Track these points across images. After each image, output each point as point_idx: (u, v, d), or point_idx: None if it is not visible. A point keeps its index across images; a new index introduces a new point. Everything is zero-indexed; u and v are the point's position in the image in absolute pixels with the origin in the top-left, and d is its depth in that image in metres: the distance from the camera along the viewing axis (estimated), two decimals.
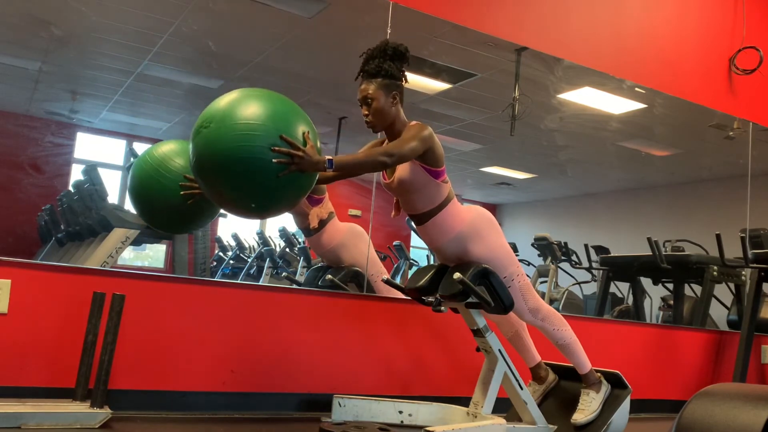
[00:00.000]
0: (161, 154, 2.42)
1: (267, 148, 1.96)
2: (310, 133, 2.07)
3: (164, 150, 2.43)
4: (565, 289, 4.71)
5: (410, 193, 2.28)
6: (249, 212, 2.18)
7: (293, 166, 2.00)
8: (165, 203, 2.40)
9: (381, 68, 2.23)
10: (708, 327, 4.36)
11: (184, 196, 2.37)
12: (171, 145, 2.46)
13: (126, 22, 3.19)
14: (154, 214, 2.52)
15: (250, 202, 2.05)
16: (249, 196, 2.04)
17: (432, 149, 2.21)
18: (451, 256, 2.35)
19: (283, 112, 2.05)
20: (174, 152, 2.42)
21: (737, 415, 1.53)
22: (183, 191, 2.37)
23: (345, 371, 2.97)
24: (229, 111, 2.00)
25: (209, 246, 3.34)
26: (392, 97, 2.24)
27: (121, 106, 3.42)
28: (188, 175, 2.34)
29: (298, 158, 2.00)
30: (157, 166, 2.40)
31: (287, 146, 1.99)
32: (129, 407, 2.50)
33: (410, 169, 2.23)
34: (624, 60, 4.06)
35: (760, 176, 4.52)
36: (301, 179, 2.08)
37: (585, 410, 2.51)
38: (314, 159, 2.03)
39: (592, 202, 5.79)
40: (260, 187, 2.01)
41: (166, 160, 2.40)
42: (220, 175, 2.00)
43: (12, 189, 3.02)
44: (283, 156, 1.98)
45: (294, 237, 3.95)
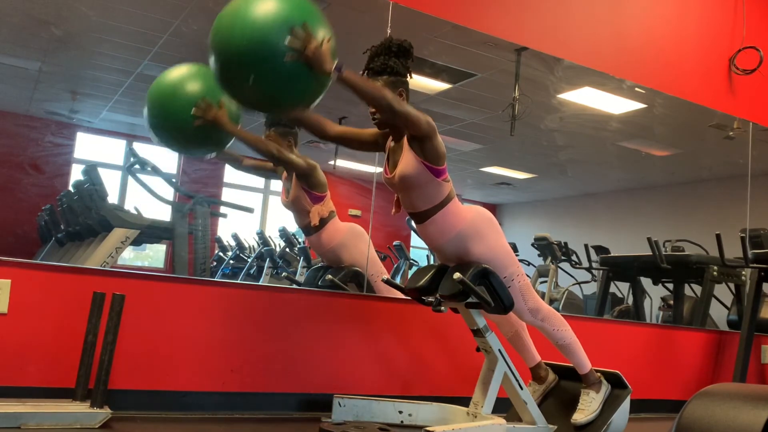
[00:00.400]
0: (174, 79, 2.48)
1: (285, 32, 1.95)
2: (331, 41, 2.05)
3: (176, 74, 2.49)
4: (565, 289, 4.71)
5: (411, 190, 2.28)
6: (245, 90, 2.10)
7: (304, 56, 1.95)
8: (175, 120, 2.45)
9: (386, 65, 2.23)
10: (708, 327, 4.36)
11: (193, 117, 2.40)
12: (183, 69, 2.50)
13: (126, 22, 3.19)
14: (161, 126, 2.53)
15: (250, 73, 2.00)
16: (251, 68, 2.00)
17: (435, 144, 2.20)
18: (451, 255, 2.35)
19: (312, 10, 2.05)
20: (186, 77, 2.48)
21: (737, 415, 1.53)
22: (194, 112, 2.40)
23: (345, 371, 2.97)
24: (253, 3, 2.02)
25: (209, 246, 3.35)
26: (398, 93, 2.24)
27: (121, 106, 3.42)
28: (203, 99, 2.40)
29: (310, 50, 1.95)
30: (169, 91, 2.46)
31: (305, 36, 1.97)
32: (129, 407, 2.50)
33: (412, 165, 2.22)
34: (624, 60, 4.06)
35: (760, 176, 4.52)
36: (307, 81, 2.03)
37: (585, 410, 2.51)
38: (325, 56, 1.98)
39: (592, 202, 5.79)
40: (264, 64, 1.97)
41: (179, 85, 2.46)
42: (232, 42, 1.99)
43: (12, 189, 3.02)
44: (298, 41, 1.94)
45: (294, 237, 3.95)
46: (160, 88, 2.48)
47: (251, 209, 3.66)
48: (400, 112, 2.11)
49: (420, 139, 2.20)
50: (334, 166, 3.77)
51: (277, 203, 3.70)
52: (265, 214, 4.14)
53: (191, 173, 3.67)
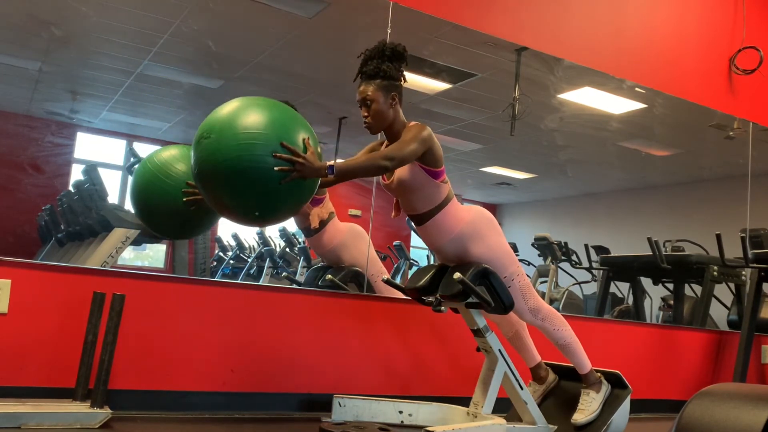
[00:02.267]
0: (163, 160, 2.43)
1: (268, 155, 1.97)
2: (311, 139, 2.08)
3: (166, 156, 2.44)
4: (565, 289, 4.71)
5: (410, 194, 2.28)
6: (252, 220, 2.18)
7: (295, 173, 2.01)
8: (167, 208, 2.41)
9: (379, 69, 2.23)
10: (708, 327, 4.35)
11: (186, 202, 2.37)
12: (172, 150, 2.46)
13: (126, 22, 3.19)
14: (155, 220, 2.53)
15: (254, 210, 2.06)
16: (252, 205, 2.05)
17: (431, 150, 2.21)
18: (451, 256, 2.35)
19: (283, 120, 2.06)
20: (175, 158, 2.43)
21: (737, 415, 1.52)
22: (185, 197, 2.37)
23: (345, 371, 2.97)
24: (229, 120, 2.00)
25: (209, 246, 3.35)
26: (391, 98, 2.24)
27: (121, 106, 3.42)
28: (190, 181, 2.34)
29: (299, 165, 2.01)
30: (158, 172, 2.41)
31: (288, 153, 2.00)
32: (129, 407, 2.50)
33: (410, 170, 2.23)
34: (624, 60, 4.06)
35: (760, 176, 4.52)
36: (303, 185, 2.08)
37: (585, 410, 2.51)
38: (315, 165, 2.03)
39: (592, 202, 5.79)
40: (263, 195, 2.02)
41: (168, 166, 2.41)
42: (223, 184, 2.01)
43: (12, 189, 3.02)
44: (285, 163, 1.99)
45: (294, 237, 3.95)
46: (147, 172, 2.44)
47: None
48: (395, 166, 2.15)
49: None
50: None
51: None
52: None
53: None
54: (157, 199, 2.41)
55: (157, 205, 2.43)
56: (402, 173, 2.25)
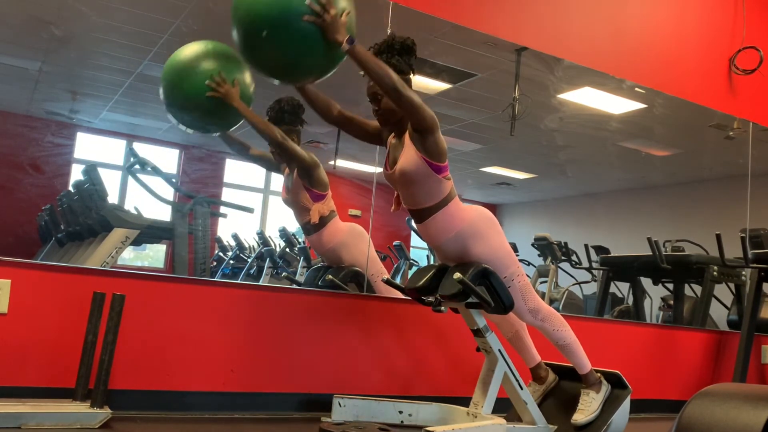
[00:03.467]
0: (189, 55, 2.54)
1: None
2: (350, 14, 2.13)
3: (198, 48, 2.55)
4: (565, 289, 4.71)
5: (411, 186, 2.27)
6: (257, 45, 2.14)
7: (319, 19, 2.02)
8: (188, 90, 2.50)
9: (389, 63, 2.23)
10: (708, 327, 4.35)
11: (205, 90, 2.46)
12: (195, 46, 2.56)
13: (126, 22, 3.19)
14: (173, 94, 2.57)
15: (264, 28, 2.06)
16: (266, 23, 2.05)
17: (437, 139, 2.20)
18: (452, 255, 2.35)
19: None
20: (205, 52, 2.53)
21: (737, 415, 1.52)
22: (208, 92, 2.46)
23: (345, 371, 2.97)
24: None
25: (209, 246, 3.35)
26: None
27: (121, 106, 3.42)
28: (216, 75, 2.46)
29: (328, 15, 2.02)
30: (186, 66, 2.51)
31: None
32: (129, 407, 2.50)
33: (413, 160, 2.22)
34: (624, 60, 4.06)
35: (760, 176, 4.52)
36: (319, 47, 2.08)
37: (585, 410, 2.51)
38: (341, 27, 2.05)
39: (592, 202, 5.79)
40: (279, 21, 2.03)
41: (200, 56, 2.52)
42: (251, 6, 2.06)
43: (12, 189, 3.02)
44: (318, 5, 2.01)
45: (294, 237, 3.95)
46: (176, 60, 2.54)
47: (251, 209, 3.66)
48: (404, 96, 2.12)
49: (421, 132, 2.19)
50: (334, 166, 3.77)
51: (277, 203, 3.70)
52: (265, 214, 4.13)
53: (191, 173, 3.67)
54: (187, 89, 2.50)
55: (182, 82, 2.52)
56: (405, 163, 2.24)
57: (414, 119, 2.18)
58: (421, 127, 2.18)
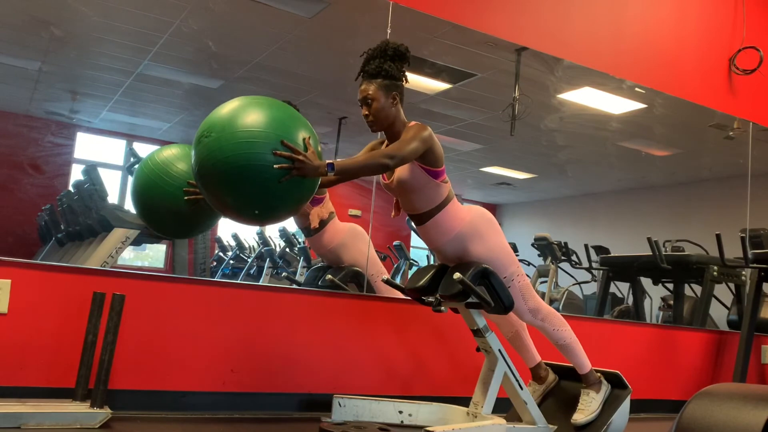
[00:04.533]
0: (163, 159, 2.42)
1: (268, 154, 1.97)
2: (311, 139, 2.09)
3: (166, 155, 2.43)
4: (565, 289, 4.71)
5: (410, 194, 2.28)
6: (252, 219, 2.18)
7: (295, 171, 2.01)
8: (167, 208, 2.40)
9: (381, 69, 2.23)
10: (708, 327, 4.36)
11: (186, 201, 2.36)
12: (173, 149, 2.46)
13: (126, 22, 3.19)
14: (156, 219, 2.51)
15: (253, 209, 2.06)
16: (252, 203, 2.05)
17: (432, 149, 2.21)
18: (451, 256, 2.35)
19: (283, 119, 2.06)
20: (176, 157, 2.42)
21: (737, 415, 1.53)
22: (186, 197, 2.36)
23: (345, 371, 2.97)
24: (230, 119, 2.00)
25: (209, 246, 3.35)
26: (392, 97, 2.24)
27: (121, 106, 3.42)
28: (191, 180, 2.34)
29: (299, 163, 2.00)
30: (159, 171, 2.40)
31: (289, 152, 2.00)
32: (129, 407, 2.50)
33: (410, 170, 2.23)
34: (624, 60, 4.06)
35: (760, 176, 4.52)
36: (304, 185, 2.08)
37: (585, 410, 2.51)
38: (315, 164, 2.03)
39: (592, 202, 5.79)
40: (262, 194, 2.02)
41: (169, 165, 2.40)
42: (223, 183, 2.01)
43: (12, 189, 3.02)
44: (285, 161, 1.99)
45: (294, 237, 3.95)
46: (148, 169, 2.43)
47: None
48: (396, 165, 2.15)
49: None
50: None
51: None
52: None
53: None
54: (158, 198, 2.40)
55: (158, 204, 2.42)
56: (402, 173, 2.25)
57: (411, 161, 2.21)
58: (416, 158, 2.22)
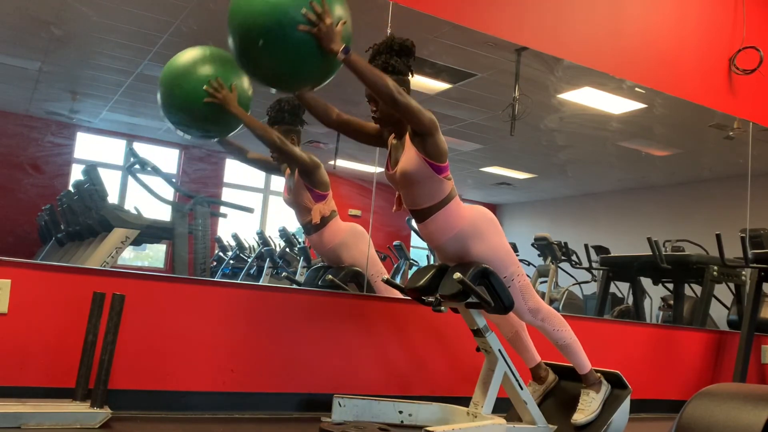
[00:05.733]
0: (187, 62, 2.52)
1: (296, 10, 2.01)
2: (346, 24, 2.11)
3: (195, 53, 2.54)
4: (565, 289, 4.71)
5: (412, 186, 2.28)
6: (252, 53, 2.13)
7: (315, 29, 2.01)
8: (185, 96, 2.48)
9: (388, 64, 2.23)
10: (708, 327, 4.36)
11: (203, 95, 2.44)
12: (199, 50, 2.55)
13: (126, 22, 3.19)
14: (171, 101, 2.55)
15: (259, 38, 2.05)
16: (261, 33, 2.04)
17: (437, 140, 2.20)
18: (452, 255, 2.35)
19: None
20: (202, 57, 2.52)
21: (737, 415, 1.53)
22: (206, 98, 2.45)
23: (345, 371, 2.97)
24: None
25: (209, 246, 3.35)
26: (399, 92, 2.24)
27: (121, 106, 3.42)
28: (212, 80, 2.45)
29: (323, 24, 2.01)
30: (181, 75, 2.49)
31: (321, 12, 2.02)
32: (129, 407, 2.50)
33: (414, 161, 2.22)
34: (624, 60, 4.06)
35: (760, 176, 4.52)
36: (314, 55, 2.07)
37: (585, 410, 2.51)
38: (336, 36, 2.04)
39: (592, 202, 5.79)
40: (274, 31, 2.02)
41: (197, 62, 2.50)
42: (243, 25, 2.06)
43: (12, 189, 3.02)
44: (313, 14, 2.00)
45: (294, 237, 3.95)
46: (174, 65, 2.52)
47: (251, 209, 3.66)
48: (400, 103, 2.12)
49: (422, 134, 2.20)
50: (334, 166, 3.77)
51: (277, 203, 3.70)
52: (265, 214, 4.14)
53: (191, 173, 3.67)
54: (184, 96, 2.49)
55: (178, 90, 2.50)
56: (406, 164, 2.24)
57: (413, 124, 2.18)
58: (420, 131, 2.19)
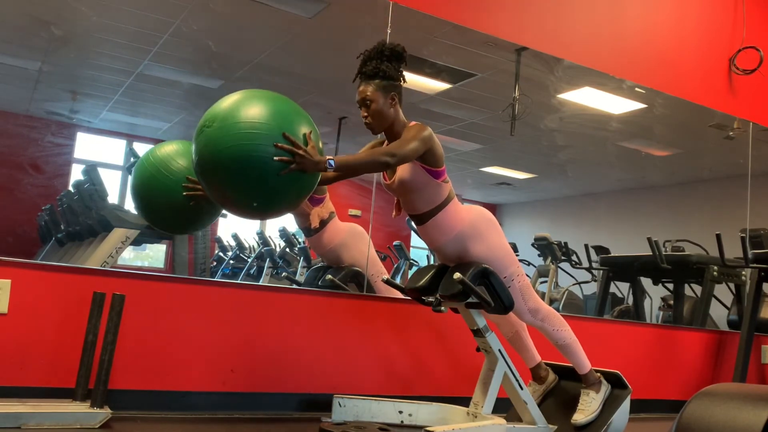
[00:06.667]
0: (163, 155, 2.41)
1: (269, 146, 1.97)
2: (312, 134, 2.08)
3: (166, 150, 2.42)
4: (565, 289, 4.71)
5: (411, 194, 2.28)
6: (251, 212, 2.18)
7: (294, 165, 2.00)
8: (167, 204, 2.38)
9: (379, 69, 2.23)
10: (708, 327, 4.35)
11: (186, 197, 2.35)
12: (173, 145, 2.45)
13: (126, 22, 3.19)
14: (155, 215, 2.50)
15: (252, 201, 2.05)
16: (251, 196, 2.04)
17: (432, 149, 2.21)
18: (452, 255, 2.35)
19: (286, 112, 2.06)
20: (176, 153, 2.41)
21: (737, 415, 1.53)
22: (185, 192, 2.35)
23: (345, 371, 2.97)
24: (232, 111, 2.00)
25: (209, 246, 3.35)
26: (391, 98, 2.24)
27: (121, 106, 3.42)
28: (190, 176, 2.33)
29: (299, 157, 2.00)
30: (159, 166, 2.39)
31: (290, 145, 2.00)
32: (129, 407, 2.50)
33: (410, 170, 2.23)
34: (624, 60, 4.06)
35: (760, 176, 4.52)
36: (303, 179, 2.08)
37: (585, 410, 2.51)
38: (315, 159, 2.03)
39: (592, 202, 5.79)
40: (262, 187, 2.01)
41: (168, 161, 2.39)
42: (222, 173, 2.00)
43: (12, 189, 3.02)
44: (285, 154, 1.98)
45: (294, 237, 3.95)
46: (149, 163, 2.41)
47: None
48: (400, 161, 2.15)
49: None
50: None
51: None
52: None
53: None
54: (158, 194, 2.38)
55: (157, 200, 2.40)
56: (403, 173, 2.25)
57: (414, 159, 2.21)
58: (420, 159, 2.22)
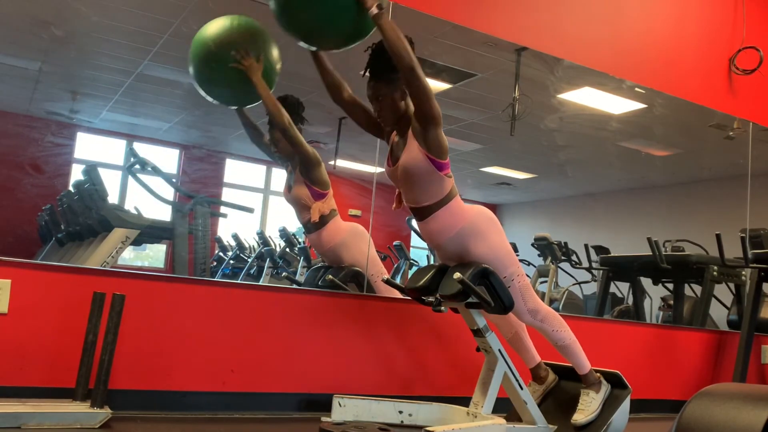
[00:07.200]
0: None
1: None
2: None
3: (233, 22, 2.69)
4: (565, 289, 4.71)
5: (413, 183, 2.28)
6: (293, 7, 2.22)
7: None
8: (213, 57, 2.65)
9: (389, 64, 2.23)
10: (708, 327, 4.35)
11: (229, 60, 2.62)
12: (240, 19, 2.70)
13: (126, 22, 3.19)
14: (198, 57, 2.70)
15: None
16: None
17: (439, 133, 2.21)
18: (452, 254, 2.35)
19: None
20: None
21: (737, 415, 1.53)
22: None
23: (345, 371, 2.97)
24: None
25: (209, 246, 3.35)
26: (401, 91, 2.25)
27: (121, 106, 3.42)
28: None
29: None
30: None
31: None
32: (129, 407, 2.50)
33: (416, 157, 2.23)
34: (624, 60, 4.06)
35: (760, 176, 4.52)
36: (351, 11, 2.14)
37: (585, 410, 2.51)
38: None
39: (592, 202, 5.79)
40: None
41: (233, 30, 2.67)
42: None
43: (12, 189, 3.02)
44: None
45: (294, 237, 3.95)
46: (204, 32, 2.69)
47: (251, 209, 3.66)
48: (418, 79, 2.12)
49: (425, 123, 2.19)
50: (334, 166, 3.77)
51: (277, 204, 3.70)
52: (265, 214, 4.13)
53: (191, 173, 3.67)
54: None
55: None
56: (407, 160, 2.24)
57: (422, 106, 2.17)
58: (426, 116, 2.18)
